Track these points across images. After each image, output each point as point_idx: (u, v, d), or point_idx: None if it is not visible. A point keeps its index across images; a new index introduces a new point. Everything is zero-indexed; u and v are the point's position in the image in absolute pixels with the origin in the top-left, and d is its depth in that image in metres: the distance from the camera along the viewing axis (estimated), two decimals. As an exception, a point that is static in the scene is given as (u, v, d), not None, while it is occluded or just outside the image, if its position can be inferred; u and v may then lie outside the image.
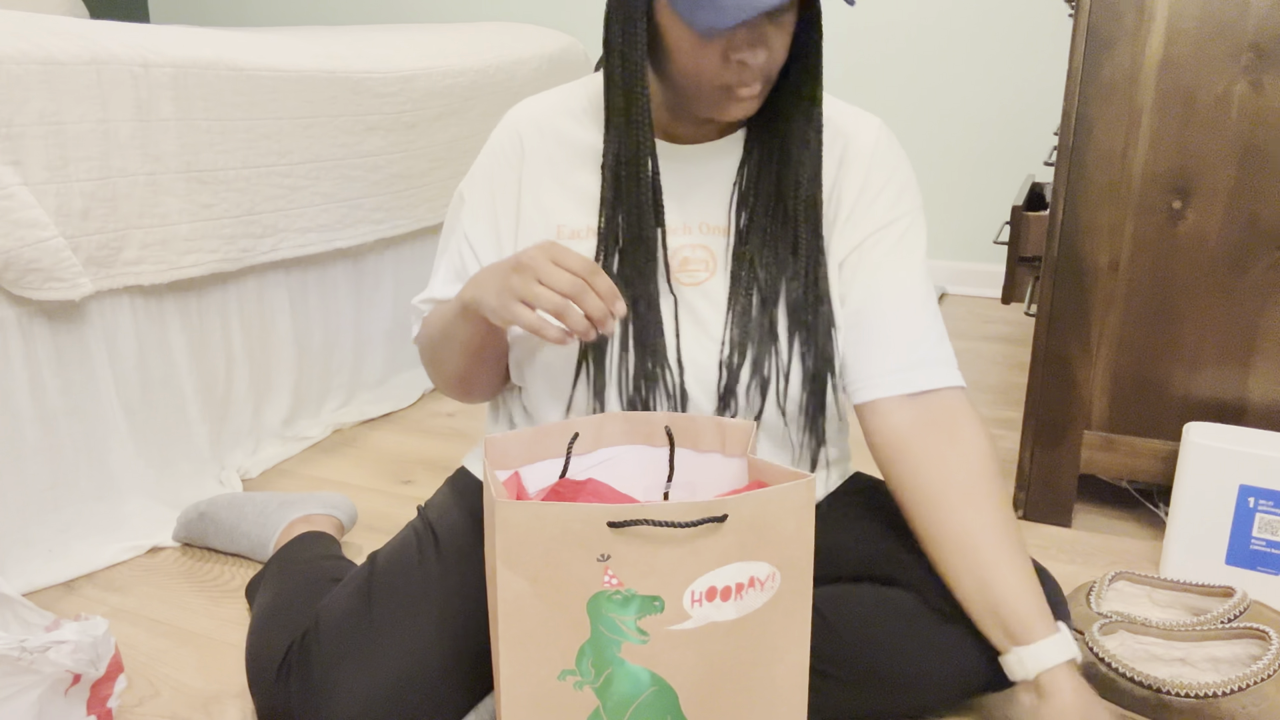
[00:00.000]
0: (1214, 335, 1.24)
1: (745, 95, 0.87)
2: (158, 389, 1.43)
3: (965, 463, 0.91)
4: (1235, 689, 0.91)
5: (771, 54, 0.85)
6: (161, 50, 1.37)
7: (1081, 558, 1.31)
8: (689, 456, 0.90)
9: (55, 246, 1.22)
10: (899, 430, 0.93)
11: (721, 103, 0.88)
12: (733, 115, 0.88)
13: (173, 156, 1.38)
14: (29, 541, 1.27)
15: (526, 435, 0.86)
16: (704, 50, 0.84)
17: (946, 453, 0.91)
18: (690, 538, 0.72)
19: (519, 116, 1.02)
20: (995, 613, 0.86)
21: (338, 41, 1.77)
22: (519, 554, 0.71)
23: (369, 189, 1.74)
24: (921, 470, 0.91)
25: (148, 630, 1.18)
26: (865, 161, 0.96)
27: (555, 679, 0.74)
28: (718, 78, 0.86)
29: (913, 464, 0.92)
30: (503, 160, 1.01)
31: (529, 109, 1.02)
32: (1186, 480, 1.21)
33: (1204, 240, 1.22)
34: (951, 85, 2.56)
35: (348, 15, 3.26)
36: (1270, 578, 1.18)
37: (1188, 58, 1.18)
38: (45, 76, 1.21)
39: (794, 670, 0.80)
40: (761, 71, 0.85)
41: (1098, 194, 1.25)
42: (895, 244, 0.96)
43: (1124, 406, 1.31)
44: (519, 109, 1.03)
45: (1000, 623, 0.86)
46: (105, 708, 0.96)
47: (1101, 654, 0.96)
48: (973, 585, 0.87)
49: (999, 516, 0.89)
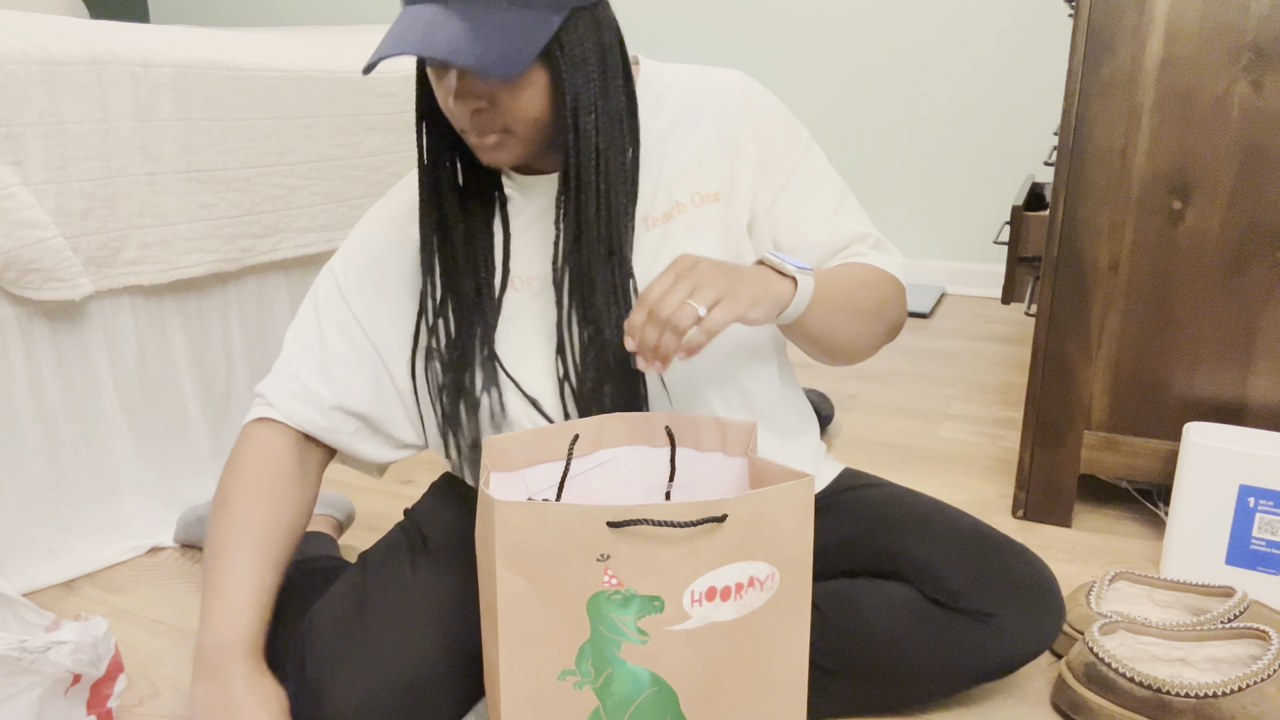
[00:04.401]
0: (1214, 335, 1.24)
1: (476, 143, 0.87)
2: (158, 389, 1.43)
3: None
4: (1235, 689, 0.91)
5: (494, 106, 0.83)
6: (161, 50, 1.37)
7: (1081, 558, 1.31)
8: (690, 456, 0.90)
9: (55, 246, 1.22)
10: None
11: (474, 150, 0.88)
12: (485, 160, 0.88)
13: (173, 156, 1.38)
14: (29, 541, 1.27)
15: (526, 437, 0.86)
16: (439, 95, 0.86)
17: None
18: (690, 537, 0.72)
19: (340, 272, 1.00)
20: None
21: (338, 41, 1.77)
22: (519, 554, 0.71)
23: (369, 189, 1.74)
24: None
25: (148, 630, 1.18)
26: (750, 120, 0.95)
27: (555, 679, 0.74)
28: (452, 120, 0.87)
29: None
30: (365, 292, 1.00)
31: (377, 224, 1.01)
32: (1186, 480, 1.21)
33: (1204, 240, 1.22)
34: (951, 85, 2.56)
35: (348, 15, 3.26)
36: (1270, 578, 1.18)
37: (1188, 58, 1.18)
38: (45, 76, 1.21)
39: (794, 669, 0.80)
40: (483, 123, 0.85)
41: (1098, 194, 1.25)
42: (803, 192, 0.97)
43: (1124, 406, 1.31)
44: (343, 255, 1.01)
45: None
46: (105, 708, 0.96)
47: (1101, 654, 0.97)
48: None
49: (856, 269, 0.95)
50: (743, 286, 0.79)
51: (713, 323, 0.76)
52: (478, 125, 0.85)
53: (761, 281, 0.81)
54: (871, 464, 1.60)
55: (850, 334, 0.92)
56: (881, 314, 0.94)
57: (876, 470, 1.58)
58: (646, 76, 0.97)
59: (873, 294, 0.93)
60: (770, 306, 0.81)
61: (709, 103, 0.96)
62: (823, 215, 0.97)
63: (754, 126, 0.96)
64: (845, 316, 0.90)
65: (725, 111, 0.96)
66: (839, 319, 0.89)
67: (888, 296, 0.95)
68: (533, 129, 0.86)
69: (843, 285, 0.90)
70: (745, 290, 0.79)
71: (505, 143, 0.86)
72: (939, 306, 2.55)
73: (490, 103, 0.83)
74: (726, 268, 0.79)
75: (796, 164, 0.97)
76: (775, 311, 0.82)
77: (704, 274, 0.78)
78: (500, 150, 0.87)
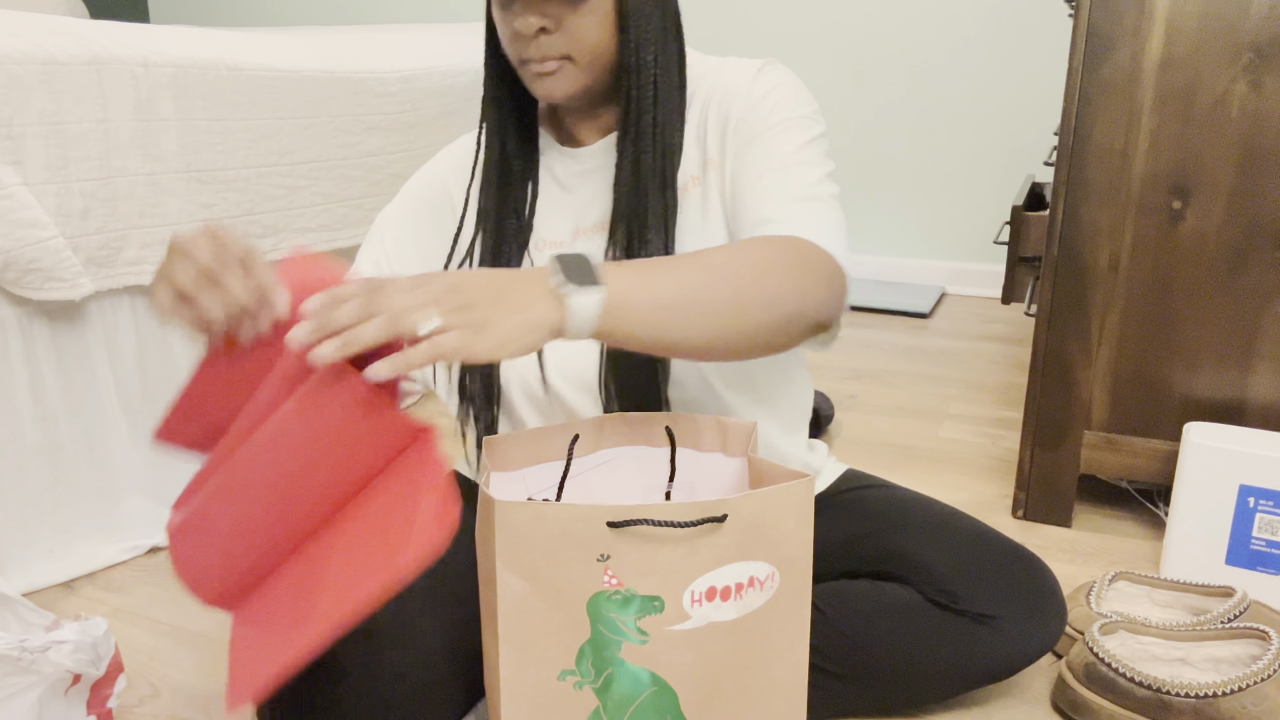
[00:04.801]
0: (1214, 335, 1.24)
1: (537, 70, 0.89)
2: (158, 389, 1.43)
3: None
4: (1235, 689, 0.91)
5: (563, 31, 0.87)
6: (161, 50, 1.37)
7: (1081, 558, 1.31)
8: (690, 456, 0.90)
9: (55, 246, 1.22)
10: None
11: (529, 81, 0.92)
12: (540, 92, 0.91)
13: (173, 156, 1.38)
14: (29, 541, 1.27)
15: (526, 437, 0.86)
16: (501, 22, 0.90)
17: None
18: (690, 537, 0.72)
19: (451, 163, 1.06)
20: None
21: (338, 41, 1.77)
22: (519, 554, 0.71)
23: (369, 189, 1.74)
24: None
25: (148, 630, 1.18)
26: (742, 99, 0.95)
27: (555, 679, 0.74)
28: (512, 52, 0.91)
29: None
30: (430, 208, 1.05)
31: (448, 158, 1.07)
32: (1186, 480, 1.21)
33: (1204, 240, 1.22)
34: (951, 85, 2.56)
35: (348, 15, 3.26)
36: (1270, 578, 1.18)
37: (1188, 58, 1.18)
38: (45, 76, 1.21)
39: (793, 669, 0.80)
40: (551, 47, 0.88)
41: (1098, 194, 1.25)
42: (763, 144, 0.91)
43: (1124, 406, 1.31)
44: (438, 160, 1.07)
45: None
46: (105, 708, 0.96)
47: (1101, 654, 0.97)
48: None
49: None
50: (491, 316, 0.67)
51: (436, 350, 0.64)
52: (539, 48, 0.88)
53: (523, 310, 0.68)
54: (871, 464, 1.60)
55: (701, 336, 0.76)
56: (752, 303, 0.77)
57: (876, 470, 1.58)
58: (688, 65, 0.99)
59: (733, 283, 0.77)
60: (529, 342, 0.68)
61: (717, 88, 0.97)
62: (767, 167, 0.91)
63: (742, 99, 0.94)
64: (685, 317, 0.75)
65: (726, 94, 0.96)
66: (674, 321, 0.74)
67: (769, 279, 0.78)
68: (591, 58, 0.89)
69: (680, 282, 0.75)
70: (493, 320, 0.67)
71: (564, 70, 0.89)
72: (939, 306, 2.55)
73: (556, 24, 0.87)
74: (493, 285, 0.68)
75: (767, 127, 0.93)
76: (538, 344, 0.69)
77: (451, 282, 0.67)
78: (558, 79, 0.90)
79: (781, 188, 0.88)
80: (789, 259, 0.80)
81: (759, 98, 0.94)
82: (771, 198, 0.87)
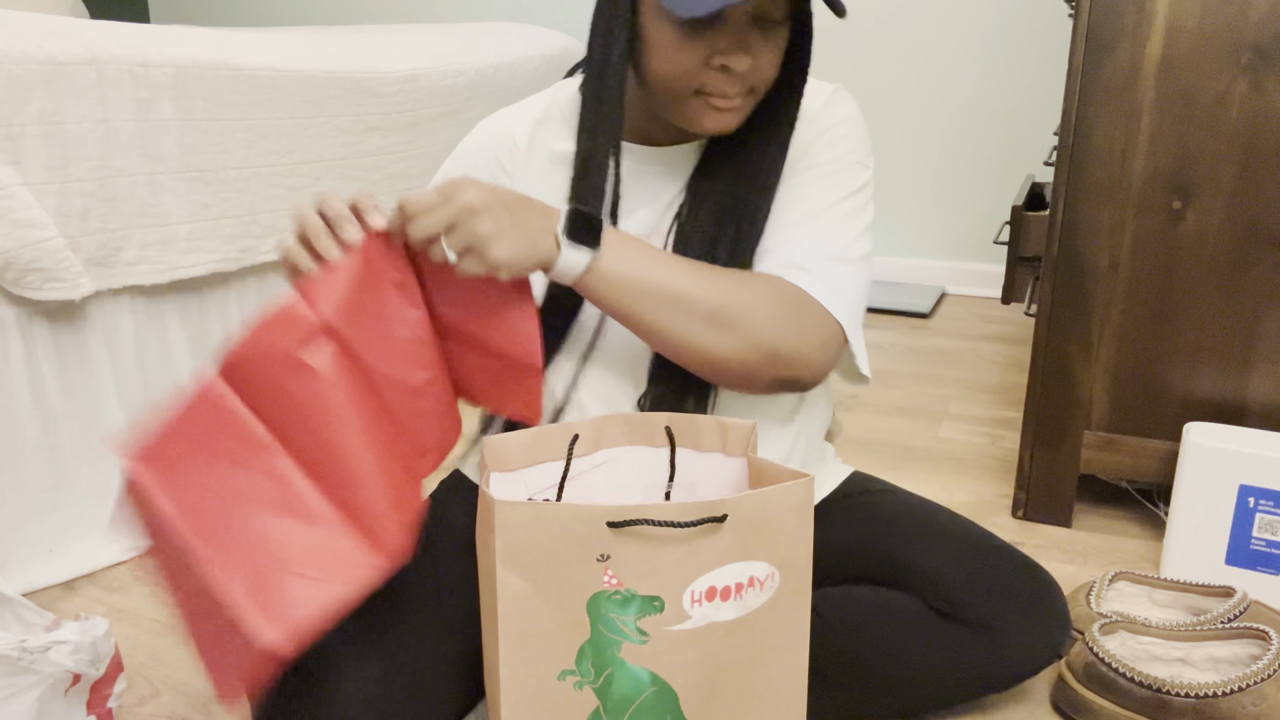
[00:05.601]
0: (1214, 335, 1.24)
1: (722, 105, 0.85)
2: (158, 389, 1.43)
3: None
4: (1235, 689, 0.91)
5: (757, 64, 0.84)
6: (161, 50, 1.37)
7: (1081, 558, 1.31)
8: (690, 456, 0.90)
9: (55, 246, 1.22)
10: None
11: (698, 112, 0.86)
12: (708, 127, 0.86)
13: (173, 156, 1.38)
14: (29, 541, 1.27)
15: (526, 437, 0.86)
16: (685, 50, 0.82)
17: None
18: (690, 537, 0.73)
19: (495, 131, 1.01)
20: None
21: (338, 41, 1.77)
22: (519, 554, 0.71)
23: (369, 189, 1.74)
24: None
25: (148, 630, 1.18)
26: (806, 126, 0.94)
27: (555, 679, 0.74)
28: (695, 81, 0.84)
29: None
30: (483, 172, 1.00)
31: (504, 123, 1.01)
32: (1186, 480, 1.21)
33: (1204, 240, 1.22)
34: (951, 85, 2.56)
35: (348, 15, 3.26)
36: (1270, 578, 1.18)
37: (1188, 58, 1.18)
38: (45, 76, 1.21)
39: (793, 670, 0.80)
40: (742, 81, 0.84)
41: (1098, 194, 1.25)
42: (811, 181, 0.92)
43: (1124, 406, 1.31)
44: (493, 123, 1.02)
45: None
46: (105, 708, 0.96)
47: (1101, 654, 0.97)
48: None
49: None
50: (504, 238, 0.77)
51: (460, 270, 0.78)
52: (739, 82, 0.84)
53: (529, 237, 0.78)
54: (871, 464, 1.60)
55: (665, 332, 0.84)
56: (726, 327, 0.83)
57: (876, 470, 1.58)
58: None
59: (718, 301, 0.83)
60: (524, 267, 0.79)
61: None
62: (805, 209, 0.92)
63: (803, 128, 0.93)
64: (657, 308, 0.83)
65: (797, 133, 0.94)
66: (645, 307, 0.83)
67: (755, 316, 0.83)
68: (765, 91, 0.87)
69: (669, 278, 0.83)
70: (505, 242, 0.77)
71: (744, 105, 0.87)
72: (939, 306, 2.55)
73: (755, 58, 0.83)
74: (504, 209, 0.77)
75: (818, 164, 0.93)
76: (530, 271, 0.80)
77: (471, 200, 0.75)
78: (737, 114, 0.87)
79: (818, 239, 0.89)
80: (790, 309, 0.85)
81: (823, 129, 0.93)
82: (806, 245, 0.88)
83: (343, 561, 0.74)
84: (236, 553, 0.72)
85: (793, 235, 0.89)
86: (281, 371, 0.75)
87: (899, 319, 2.43)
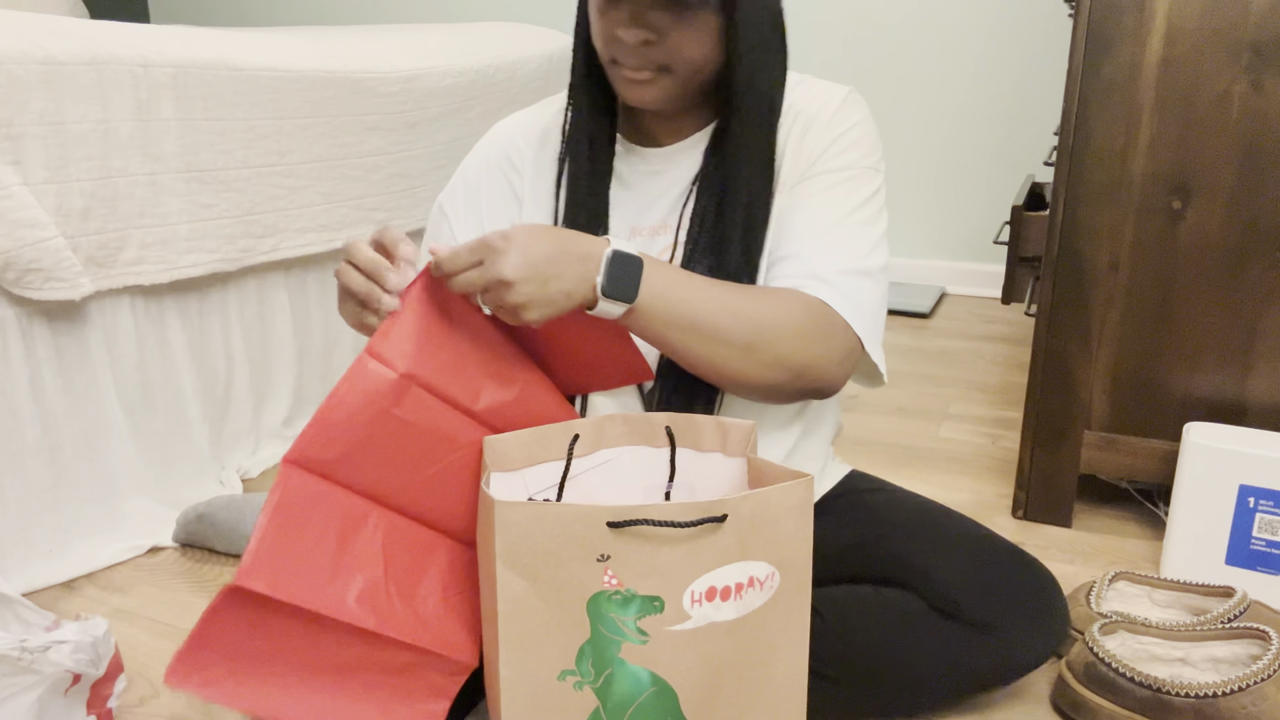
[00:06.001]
0: (1214, 335, 1.24)
1: (630, 77, 0.89)
2: (158, 389, 1.43)
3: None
4: (1235, 689, 0.91)
5: (666, 43, 0.86)
6: (161, 50, 1.37)
7: (1081, 558, 1.31)
8: (690, 456, 0.90)
9: (55, 246, 1.22)
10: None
11: (618, 83, 0.90)
12: (629, 98, 0.90)
13: (173, 156, 1.38)
14: (29, 541, 1.27)
15: (526, 437, 0.86)
16: (600, 20, 0.88)
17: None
18: (690, 538, 0.73)
19: (507, 134, 1.04)
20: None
21: (338, 41, 1.77)
22: (519, 554, 0.71)
23: (369, 189, 1.74)
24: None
25: (148, 630, 1.18)
26: (821, 130, 0.95)
27: (555, 679, 0.74)
28: (606, 52, 0.89)
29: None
30: (496, 174, 1.03)
31: (517, 125, 1.05)
32: (1186, 480, 1.21)
33: (1204, 240, 1.22)
34: (951, 85, 2.56)
35: (348, 15, 3.26)
36: (1270, 578, 1.18)
37: (1188, 58, 1.18)
38: (45, 76, 1.21)
39: (793, 670, 0.80)
40: (645, 56, 0.87)
41: (1098, 194, 1.25)
42: (826, 188, 0.94)
43: (1124, 406, 1.31)
44: (506, 126, 1.05)
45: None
46: (105, 708, 0.96)
47: (1101, 654, 0.96)
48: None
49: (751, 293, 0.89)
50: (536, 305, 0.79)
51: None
52: (639, 58, 0.87)
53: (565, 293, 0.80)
54: (871, 464, 1.60)
55: (698, 360, 0.86)
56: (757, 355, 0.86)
57: (876, 470, 1.58)
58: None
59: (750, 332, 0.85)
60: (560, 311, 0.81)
61: (799, 112, 0.96)
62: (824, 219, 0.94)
63: (818, 134, 0.95)
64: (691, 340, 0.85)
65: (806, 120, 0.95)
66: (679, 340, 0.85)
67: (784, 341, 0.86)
68: (691, 71, 0.88)
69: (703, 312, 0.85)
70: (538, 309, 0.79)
71: (658, 81, 0.88)
72: (939, 306, 2.55)
73: (659, 36, 0.86)
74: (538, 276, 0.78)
75: (835, 169, 0.94)
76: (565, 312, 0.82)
77: (503, 272, 0.77)
78: (650, 87, 0.89)
79: (838, 250, 0.91)
80: (817, 328, 0.88)
81: (837, 134, 0.95)
82: (828, 257, 0.90)
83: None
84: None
85: (813, 247, 0.91)
86: (378, 430, 0.78)
87: (899, 319, 2.43)
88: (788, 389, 0.89)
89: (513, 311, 0.79)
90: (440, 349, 0.81)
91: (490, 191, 1.03)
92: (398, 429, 0.78)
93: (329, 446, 0.75)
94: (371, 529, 0.79)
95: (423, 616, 0.80)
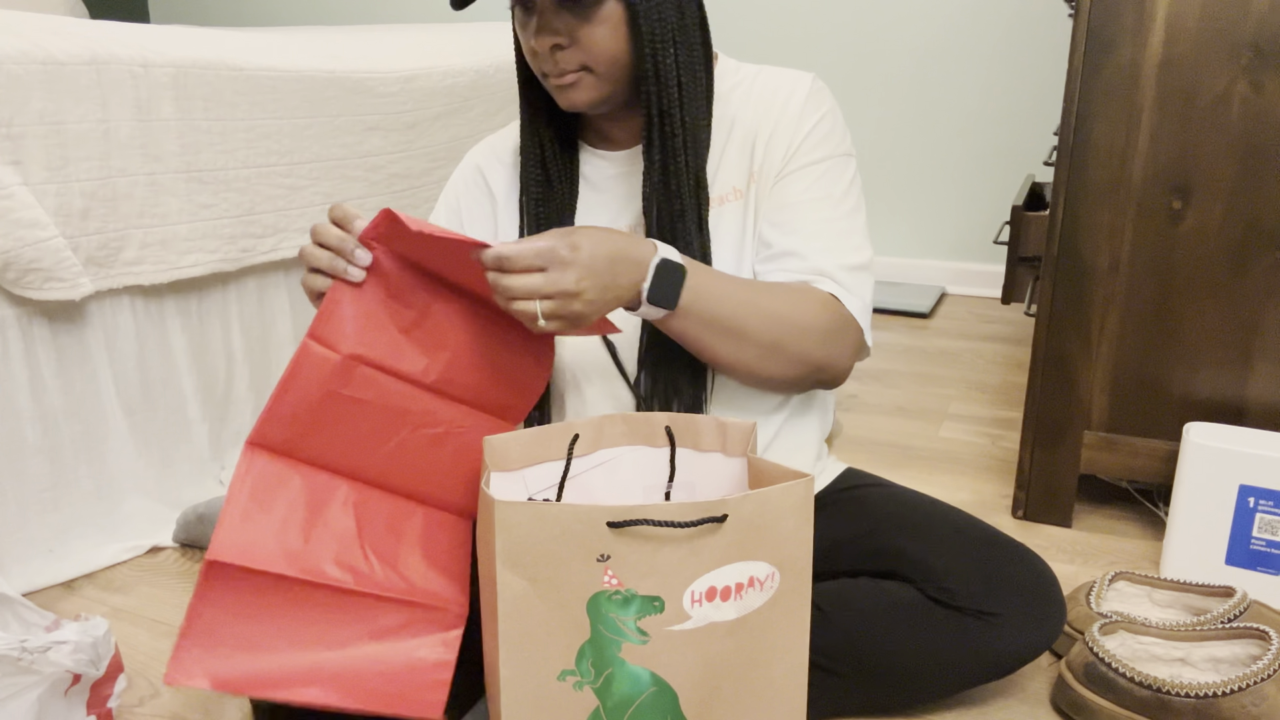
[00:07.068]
0: (1214, 335, 1.24)
1: (555, 83, 0.92)
2: (158, 389, 1.43)
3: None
4: (1235, 689, 0.91)
5: (579, 44, 0.88)
6: (161, 50, 1.37)
7: (1081, 558, 1.31)
8: (690, 456, 0.90)
9: (55, 246, 1.22)
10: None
11: (553, 91, 0.93)
12: (564, 103, 0.93)
13: (173, 156, 1.38)
14: (29, 541, 1.27)
15: (526, 437, 0.86)
16: (522, 39, 0.92)
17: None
18: (690, 538, 0.73)
19: (483, 155, 1.09)
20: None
21: (338, 42, 1.77)
22: (519, 554, 0.71)
23: (369, 189, 1.74)
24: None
25: (148, 630, 1.18)
26: (793, 122, 0.97)
27: (555, 679, 0.74)
28: (534, 66, 0.93)
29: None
30: (476, 193, 1.07)
31: (490, 146, 1.09)
32: (1186, 480, 1.21)
33: (1204, 240, 1.22)
34: (951, 85, 2.56)
35: (348, 15, 3.26)
36: (1270, 578, 1.18)
37: (1188, 58, 1.18)
38: (45, 76, 1.21)
39: (793, 670, 0.80)
40: (562, 60, 0.89)
41: (1098, 194, 1.25)
42: (812, 181, 0.96)
43: (1124, 406, 1.31)
44: (481, 147, 1.10)
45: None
46: (105, 708, 0.96)
47: (1101, 654, 0.97)
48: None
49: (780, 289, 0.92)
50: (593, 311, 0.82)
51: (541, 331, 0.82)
52: (557, 62, 0.90)
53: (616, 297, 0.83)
54: (871, 464, 1.60)
55: (724, 356, 0.90)
56: (782, 352, 0.91)
57: (876, 470, 1.58)
58: (720, 70, 1.00)
59: (776, 333, 0.90)
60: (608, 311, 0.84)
61: (759, 100, 0.97)
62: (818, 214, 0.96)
63: (792, 124, 0.96)
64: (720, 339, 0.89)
65: (771, 110, 0.97)
66: (709, 338, 0.89)
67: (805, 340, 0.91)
68: (611, 67, 0.90)
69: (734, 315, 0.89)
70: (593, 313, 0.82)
71: (583, 81, 0.91)
72: (939, 306, 2.55)
73: (569, 39, 0.88)
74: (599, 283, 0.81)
75: (816, 160, 0.97)
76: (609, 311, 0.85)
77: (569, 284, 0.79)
78: (578, 89, 0.91)
79: (837, 246, 0.95)
80: (833, 327, 0.92)
81: (809, 126, 0.96)
82: (830, 255, 0.94)
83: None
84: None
85: (815, 246, 0.94)
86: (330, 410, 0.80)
87: (899, 319, 2.43)
88: (804, 382, 0.95)
89: (573, 321, 0.81)
90: (382, 327, 0.82)
91: (470, 210, 1.07)
92: (350, 407, 0.81)
93: (286, 427, 0.78)
94: (342, 500, 0.81)
95: (405, 575, 0.83)
